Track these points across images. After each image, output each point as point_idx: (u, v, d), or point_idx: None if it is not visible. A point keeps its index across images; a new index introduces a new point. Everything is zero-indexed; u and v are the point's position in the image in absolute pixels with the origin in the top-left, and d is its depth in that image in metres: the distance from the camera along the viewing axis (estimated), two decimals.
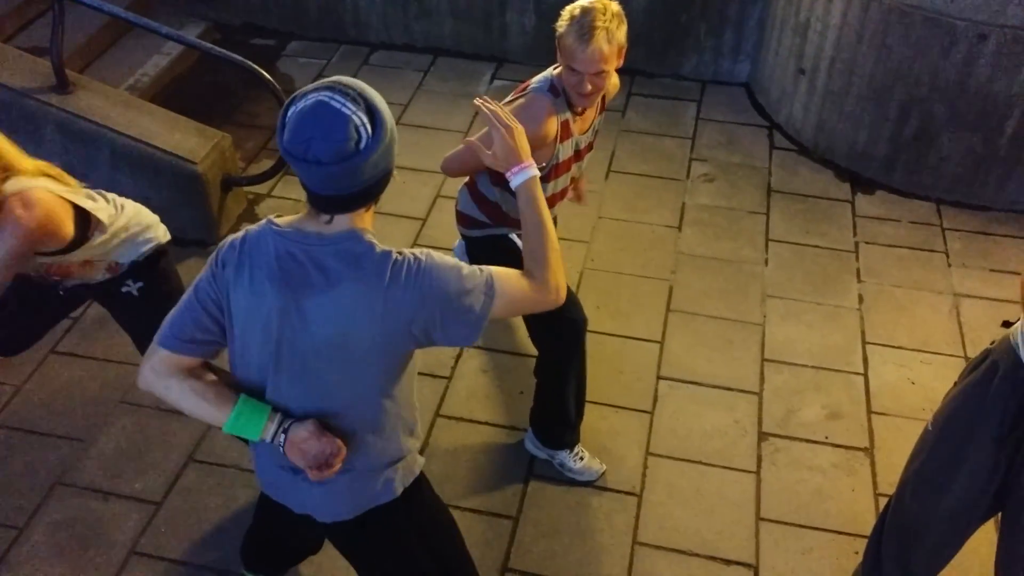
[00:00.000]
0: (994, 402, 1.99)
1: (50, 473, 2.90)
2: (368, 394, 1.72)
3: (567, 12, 2.28)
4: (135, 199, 3.69)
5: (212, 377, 1.72)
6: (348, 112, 1.51)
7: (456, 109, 4.58)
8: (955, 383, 2.16)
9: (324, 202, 1.59)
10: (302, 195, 1.68)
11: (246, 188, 4.01)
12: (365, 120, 1.52)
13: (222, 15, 5.23)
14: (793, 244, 3.80)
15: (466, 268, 1.67)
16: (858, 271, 3.67)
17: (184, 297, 1.74)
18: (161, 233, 2.56)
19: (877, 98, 3.91)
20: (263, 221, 1.69)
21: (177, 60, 4.81)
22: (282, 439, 1.70)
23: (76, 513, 2.79)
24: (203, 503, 2.82)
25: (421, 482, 1.94)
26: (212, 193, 3.70)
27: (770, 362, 3.28)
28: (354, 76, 4.86)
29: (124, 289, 2.50)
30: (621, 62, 2.33)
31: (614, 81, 2.58)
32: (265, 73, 3.59)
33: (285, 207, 3.98)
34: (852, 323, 3.43)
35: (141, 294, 2.51)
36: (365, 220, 1.65)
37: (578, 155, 2.57)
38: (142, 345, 2.62)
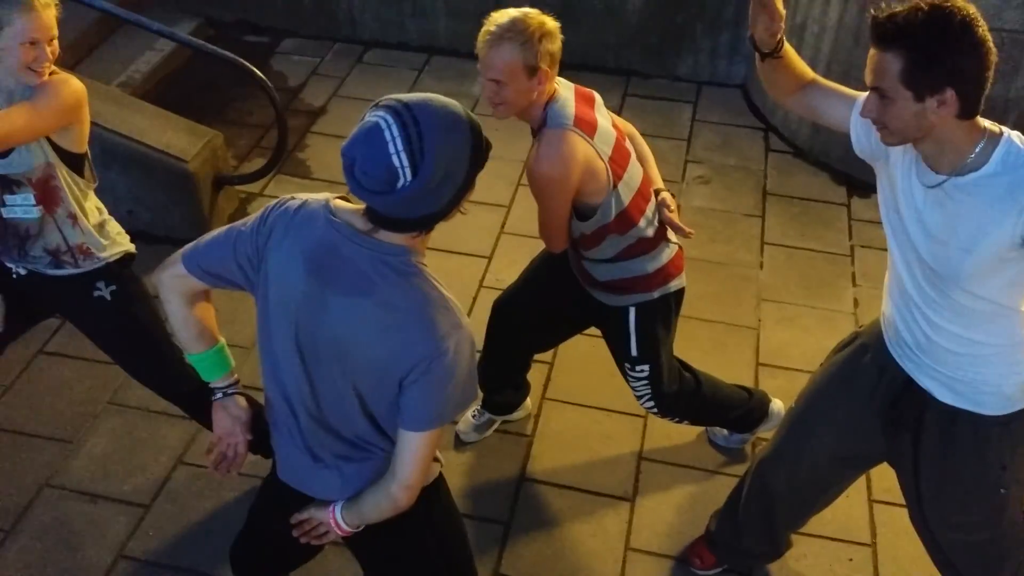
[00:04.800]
0: (862, 379, 2.11)
1: (38, 475, 2.87)
2: (359, 409, 1.68)
3: (494, 14, 2.16)
4: (126, 197, 3.68)
5: (207, 312, 1.85)
6: (391, 150, 1.43)
7: None
8: (821, 364, 2.28)
9: (369, 211, 1.53)
10: (296, 193, 1.66)
11: (238, 187, 3.98)
12: (406, 163, 1.43)
13: (215, 11, 5.19)
14: (788, 247, 3.79)
15: (471, 377, 1.63)
16: (853, 275, 3.66)
17: (222, 233, 1.72)
18: (127, 241, 2.54)
19: None
20: (324, 199, 1.63)
21: (170, 57, 4.77)
22: (219, 396, 1.89)
23: (64, 516, 2.76)
24: (192, 506, 2.79)
25: (440, 485, 1.92)
26: (203, 192, 3.67)
27: (764, 366, 3.27)
28: (347, 74, 4.78)
29: (96, 293, 2.46)
30: (535, 84, 2.14)
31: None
32: (257, 71, 3.57)
33: None
34: (847, 327, 3.41)
35: (114, 297, 2.47)
36: (417, 242, 1.58)
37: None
38: (125, 361, 2.61)
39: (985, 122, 1.75)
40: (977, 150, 1.72)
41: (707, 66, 4.76)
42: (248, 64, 3.54)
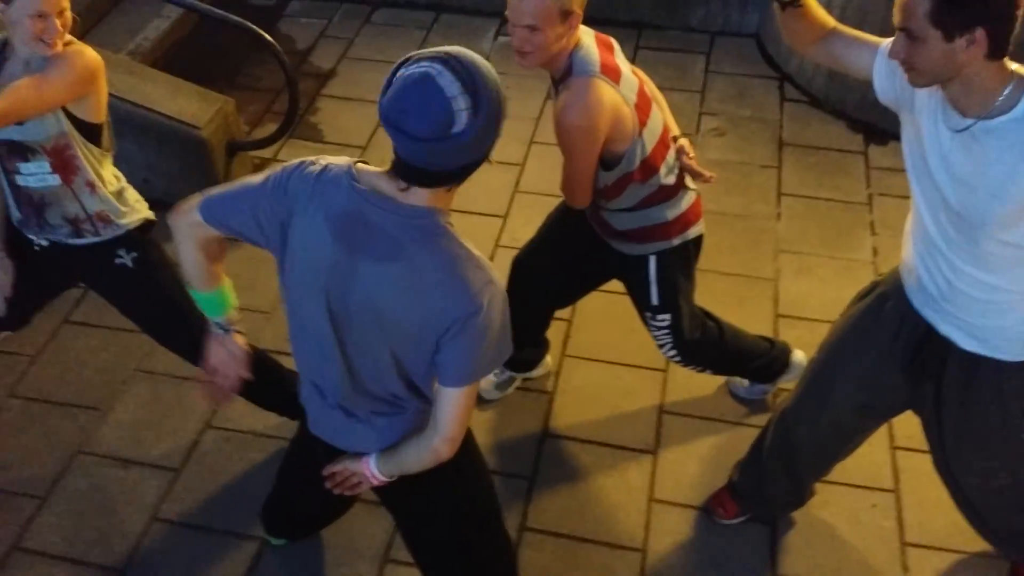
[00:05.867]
0: (883, 328, 2.11)
1: (69, 443, 2.92)
2: (394, 370, 1.71)
3: None
4: (141, 166, 3.69)
5: (218, 256, 1.91)
6: (450, 94, 1.44)
7: None
8: (841, 314, 2.28)
9: (407, 171, 1.52)
10: (315, 157, 1.66)
11: (251, 152, 3.97)
12: (465, 105, 1.44)
13: None
14: (806, 198, 3.77)
15: (505, 331, 1.65)
16: (872, 223, 3.64)
17: (241, 189, 1.72)
18: (146, 208, 2.55)
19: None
20: (345, 164, 1.62)
21: (178, 23, 4.71)
22: (219, 332, 1.99)
23: (97, 481, 2.81)
24: (222, 468, 2.84)
25: (468, 433, 1.94)
26: (217, 158, 3.67)
27: (784, 317, 3.27)
28: (356, 35, 4.78)
29: (118, 261, 2.48)
30: (566, 29, 2.12)
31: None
32: (267, 35, 3.55)
33: None
34: (866, 276, 3.39)
35: (136, 264, 2.49)
36: (444, 200, 1.59)
37: None
38: (149, 327, 2.64)
39: (1013, 64, 1.72)
40: (1006, 92, 1.70)
41: (719, 16, 4.69)
42: (258, 29, 3.53)
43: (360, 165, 1.63)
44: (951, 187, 1.81)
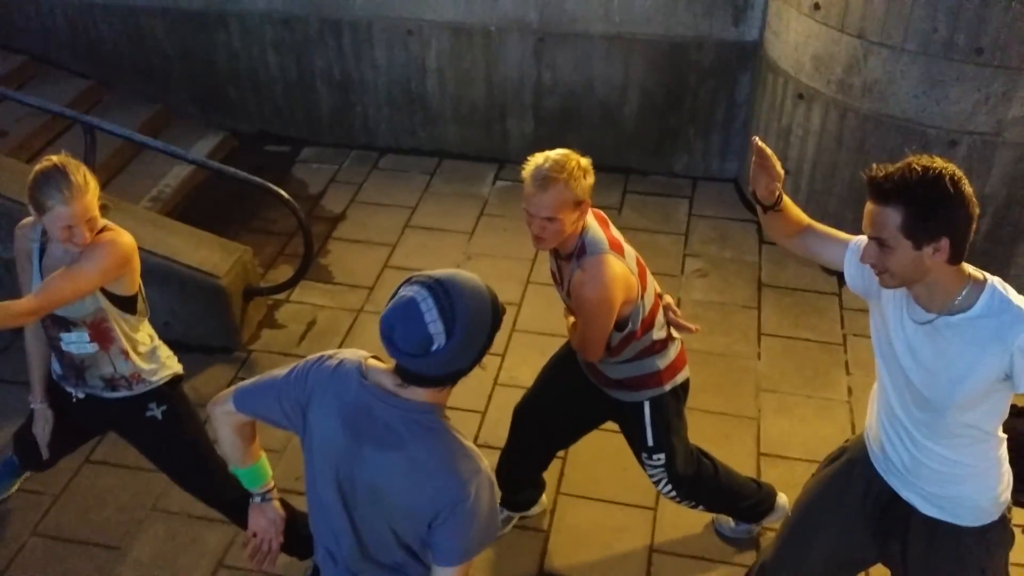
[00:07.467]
0: (851, 492, 2.29)
1: None
2: (396, 543, 1.89)
3: (534, 158, 2.42)
4: (162, 311, 3.93)
5: (252, 435, 2.12)
6: (428, 320, 1.65)
7: (460, 209, 4.83)
8: (813, 474, 2.46)
9: (403, 372, 1.74)
10: (319, 300, 1.87)
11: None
12: (441, 329, 1.65)
13: (239, 124, 5.55)
14: (784, 338, 4.01)
15: (493, 515, 1.83)
16: (847, 364, 3.87)
17: (268, 382, 1.94)
18: (176, 363, 2.81)
19: (858, 199, 4.10)
20: (358, 360, 1.85)
21: (197, 170, 5.08)
22: (258, 500, 2.20)
23: None
24: None
25: None
26: (234, 304, 3.93)
27: (766, 456, 3.46)
28: (364, 180, 5.15)
29: (148, 414, 2.72)
30: (578, 215, 2.41)
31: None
32: (281, 191, 3.89)
33: (303, 311, 4.17)
34: (843, 416, 3.62)
35: (164, 416, 2.74)
36: (440, 396, 1.79)
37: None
38: (175, 474, 2.86)
39: (969, 268, 1.97)
40: (963, 293, 1.94)
41: (701, 163, 5.06)
42: (275, 188, 3.87)
43: (370, 361, 1.87)
44: (916, 372, 2.03)
